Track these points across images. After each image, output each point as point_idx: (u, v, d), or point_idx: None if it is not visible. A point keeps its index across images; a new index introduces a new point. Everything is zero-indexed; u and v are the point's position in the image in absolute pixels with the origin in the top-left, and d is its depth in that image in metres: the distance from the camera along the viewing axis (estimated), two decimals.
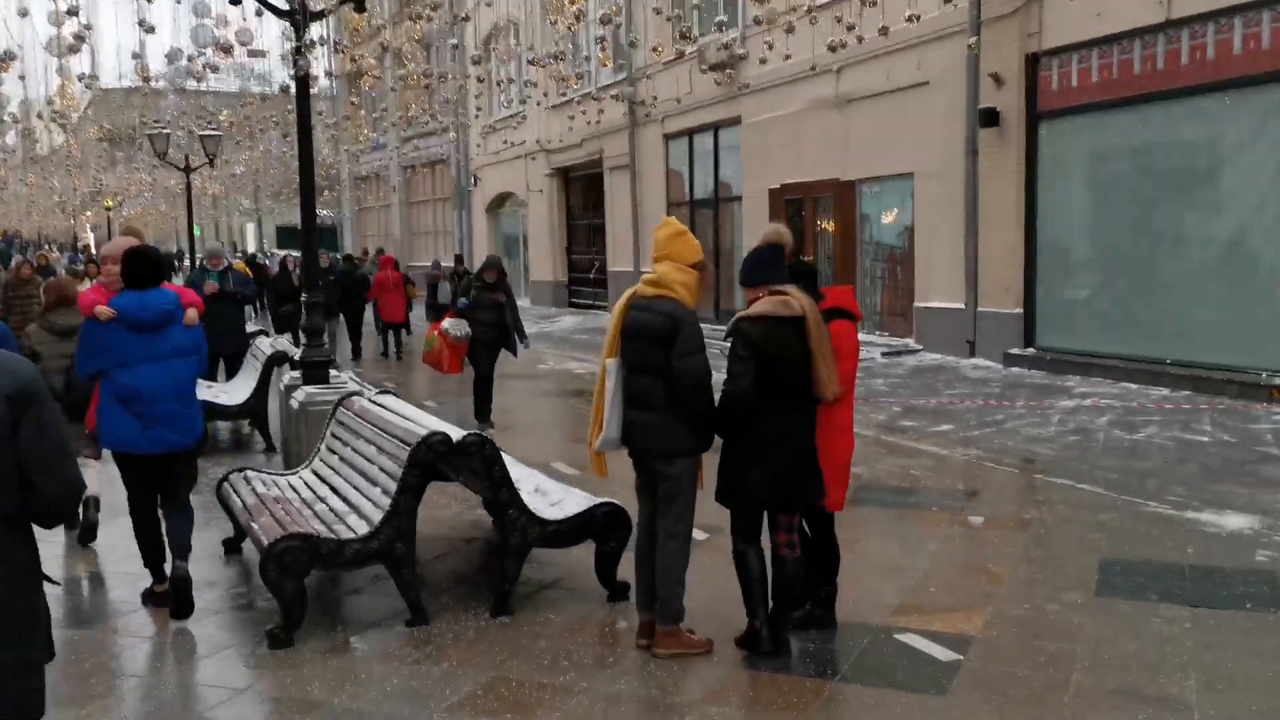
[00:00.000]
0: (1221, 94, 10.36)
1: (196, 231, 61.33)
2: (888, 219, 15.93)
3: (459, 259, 17.22)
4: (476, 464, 4.84)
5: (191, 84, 19.38)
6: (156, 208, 45.20)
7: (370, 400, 5.91)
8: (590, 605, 5.05)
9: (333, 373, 7.83)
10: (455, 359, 10.20)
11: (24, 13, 15.15)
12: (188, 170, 19.60)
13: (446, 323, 10.20)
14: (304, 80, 7.85)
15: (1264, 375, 10.02)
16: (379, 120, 34.86)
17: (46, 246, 42.16)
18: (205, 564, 5.73)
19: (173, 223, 52.46)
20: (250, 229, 60.17)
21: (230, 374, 10.74)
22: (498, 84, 30.96)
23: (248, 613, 5.10)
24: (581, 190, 27.58)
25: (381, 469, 5.05)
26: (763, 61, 17.26)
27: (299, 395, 7.28)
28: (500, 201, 32.13)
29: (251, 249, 53.12)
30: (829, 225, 16.84)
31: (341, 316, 16.78)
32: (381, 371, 15.59)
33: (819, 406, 4.23)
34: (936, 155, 14.27)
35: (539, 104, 26.03)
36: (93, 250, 46.35)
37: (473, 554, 5.99)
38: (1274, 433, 8.75)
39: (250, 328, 11.44)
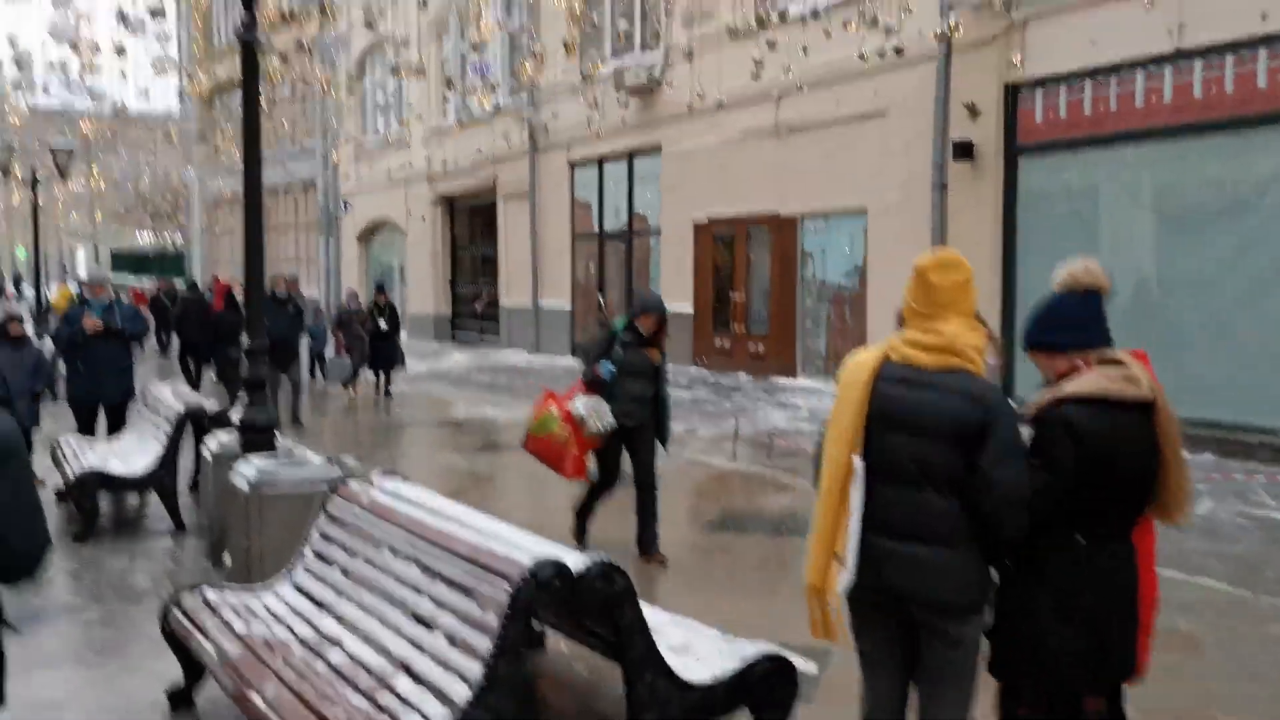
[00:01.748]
0: (1242, 131, 9.66)
1: (21, 254, 56.66)
2: (834, 257, 14.92)
3: (381, 289, 15.46)
4: (597, 605, 3.33)
5: (40, 97, 17.14)
6: None
7: (384, 491, 4.30)
8: None
9: (280, 439, 6.13)
10: (582, 457, 6.56)
11: None
12: (34, 185, 17.15)
13: (580, 402, 6.47)
14: (250, 49, 6.20)
15: None
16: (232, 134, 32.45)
17: None
18: None
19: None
20: (82, 253, 55.75)
21: (113, 428, 8.77)
22: (377, 105, 29.28)
23: None
24: (468, 218, 25.91)
25: (437, 601, 3.48)
26: (675, 89, 16.21)
27: (246, 471, 5.54)
28: (374, 229, 30.10)
29: (83, 273, 49.05)
30: (762, 262, 15.78)
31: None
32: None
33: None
34: (894, 189, 13.32)
35: (420, 124, 24.35)
36: None
37: None
38: None
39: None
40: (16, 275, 46.01)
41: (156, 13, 12.33)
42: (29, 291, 32.17)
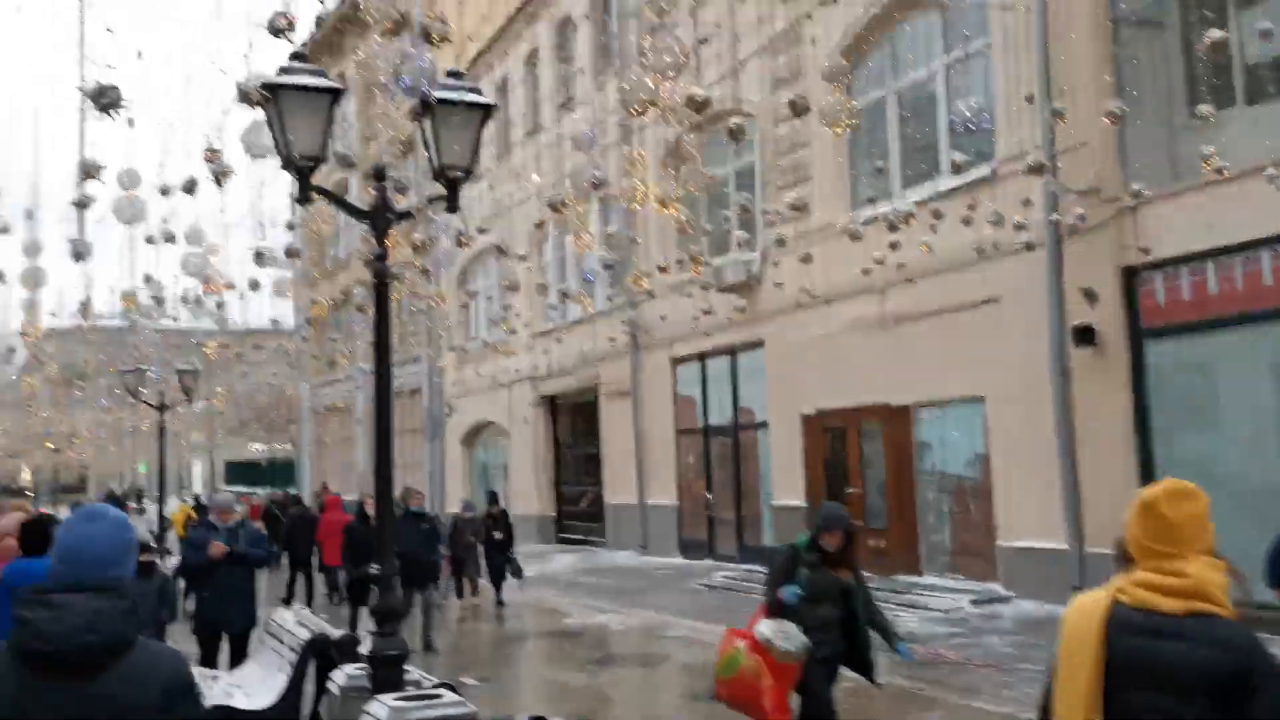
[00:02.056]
0: None
1: (142, 468, 58.73)
2: (953, 447, 14.50)
3: (494, 498, 15.44)
4: None
5: (168, 321, 18.01)
6: (104, 447, 42.84)
7: None
8: None
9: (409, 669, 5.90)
10: (782, 692, 5.82)
11: None
12: (161, 408, 17.83)
13: (765, 627, 5.85)
14: (383, 285, 6.32)
15: None
16: (349, 349, 33.64)
17: None
18: None
19: (118, 461, 49.90)
20: (198, 466, 57.57)
21: (235, 655, 8.64)
22: (463, 306, 30.21)
23: None
24: (570, 418, 26.11)
25: None
26: (777, 285, 16.32)
27: (378, 713, 5.29)
28: (477, 432, 30.52)
29: (199, 487, 50.52)
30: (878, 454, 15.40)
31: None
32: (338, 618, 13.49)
33: None
34: (1014, 376, 13.00)
35: (524, 329, 24.94)
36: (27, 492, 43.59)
37: None
38: None
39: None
40: (138, 490, 47.54)
41: (293, 254, 12.96)
42: (150, 507, 33.01)
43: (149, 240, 16.29)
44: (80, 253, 9.65)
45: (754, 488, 18.61)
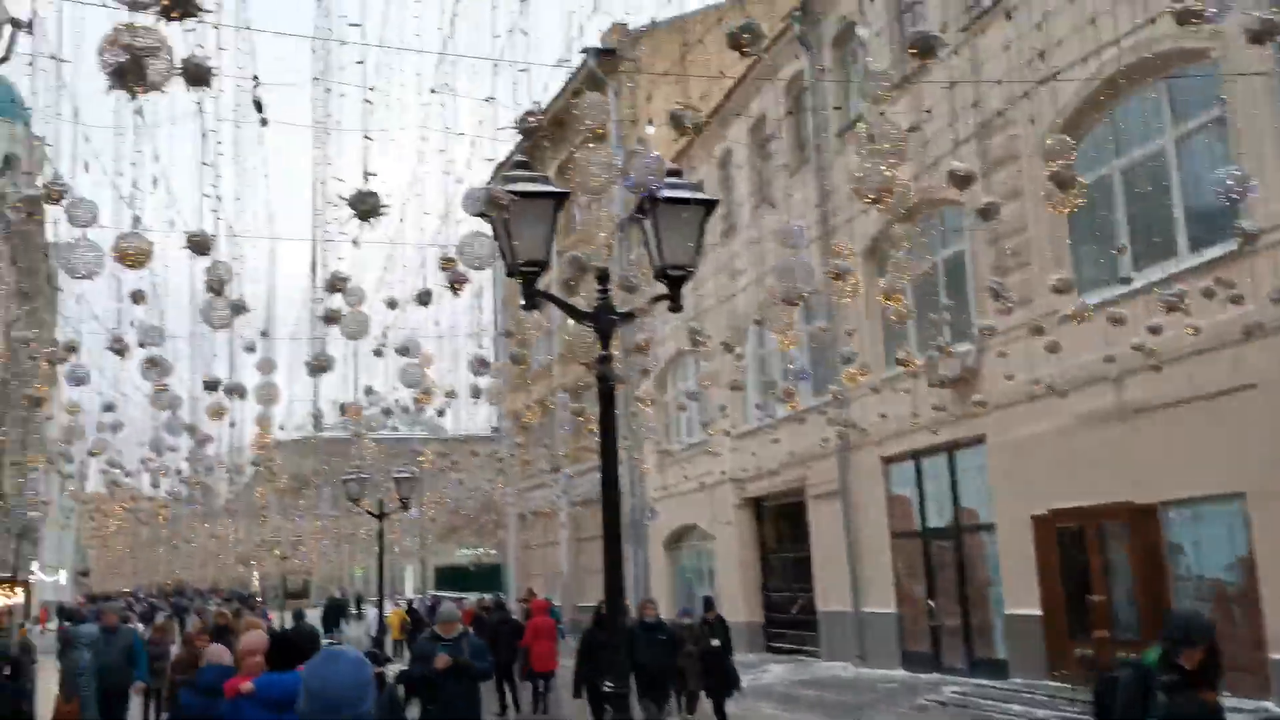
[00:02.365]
0: None
1: (358, 573, 61.05)
2: (1210, 549, 13.15)
3: (710, 604, 14.98)
4: None
5: (386, 430, 18.72)
6: (324, 554, 44.79)
7: None
8: None
9: None
10: None
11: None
12: (380, 516, 18.37)
13: None
14: (608, 388, 6.14)
15: None
16: (550, 454, 34.12)
17: (217, 602, 41.51)
18: None
19: (337, 567, 52.03)
20: (409, 571, 59.36)
21: None
22: (680, 409, 30.11)
23: None
24: (776, 521, 25.44)
25: None
26: (1006, 378, 15.46)
27: None
28: (679, 536, 30.16)
29: (410, 593, 51.94)
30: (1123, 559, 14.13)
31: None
32: None
33: None
34: (1278, 470, 11.71)
35: (728, 433, 24.59)
36: (257, 599, 45.75)
37: None
38: None
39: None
40: (356, 596, 49.28)
41: (519, 360, 13.21)
42: (370, 612, 34.01)
43: (377, 353, 17.04)
44: (322, 367, 9.98)
45: (982, 594, 17.44)
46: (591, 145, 7.00)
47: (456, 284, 8.76)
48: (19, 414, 21.54)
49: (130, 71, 5.09)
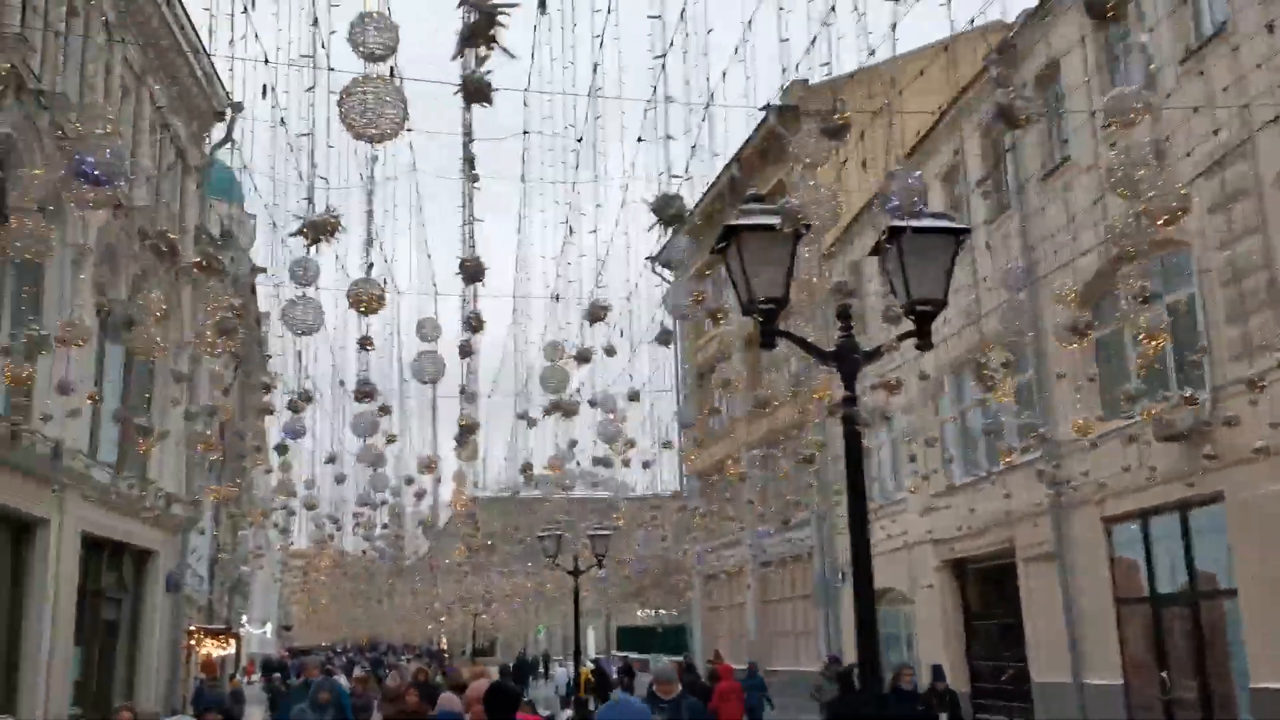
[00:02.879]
0: None
1: (539, 632, 61.55)
2: None
3: (939, 672, 14.08)
4: None
5: (580, 489, 18.75)
6: (515, 612, 45.26)
7: None
8: None
9: None
10: None
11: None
12: (575, 574, 18.27)
13: None
14: (854, 432, 5.72)
15: None
16: (736, 511, 33.53)
17: (408, 658, 42.45)
18: None
19: (523, 625, 52.51)
20: (591, 631, 59.42)
21: None
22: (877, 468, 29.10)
23: None
24: (981, 584, 24.09)
25: None
26: (1232, 428, 14.14)
27: None
28: (876, 599, 28.92)
29: (592, 652, 51.88)
30: None
31: None
32: None
33: None
34: None
35: (924, 485, 23.51)
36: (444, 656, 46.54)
37: None
38: None
39: None
40: (545, 654, 49.54)
41: (715, 411, 12.94)
42: (558, 671, 34.03)
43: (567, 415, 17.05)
44: (531, 421, 9.92)
45: (1223, 666, 15.91)
46: (811, 182, 6.66)
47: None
48: (237, 466, 22.57)
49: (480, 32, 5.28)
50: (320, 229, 7.15)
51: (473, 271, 8.32)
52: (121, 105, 19.48)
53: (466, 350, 10.87)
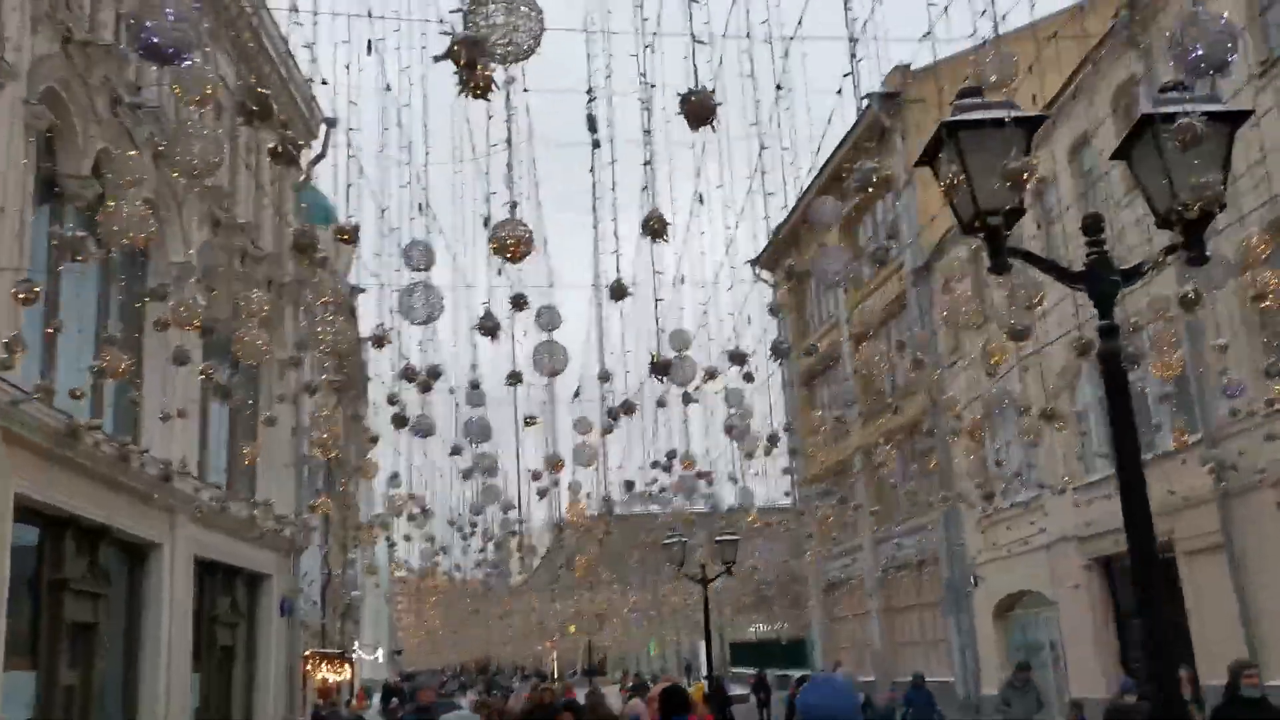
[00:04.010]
0: None
1: (651, 649, 60.45)
2: None
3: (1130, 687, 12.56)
4: None
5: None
6: (627, 629, 44.29)
7: None
8: None
9: None
10: None
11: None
12: (704, 582, 17.21)
13: None
14: (1118, 375, 4.54)
15: None
16: (855, 520, 32.07)
17: (519, 679, 41.82)
18: None
19: (633, 642, 51.54)
20: (702, 646, 58.05)
21: None
22: (997, 464, 27.43)
23: None
24: (1133, 582, 22.26)
25: None
26: None
27: None
28: (1012, 603, 27.25)
29: (704, 669, 50.56)
30: None
31: None
32: None
33: None
34: None
35: (1064, 488, 21.92)
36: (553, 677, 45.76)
37: None
38: None
39: None
40: (661, 671, 48.42)
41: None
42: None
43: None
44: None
45: None
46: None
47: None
48: (345, 490, 22.06)
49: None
50: (474, 47, 5.23)
51: (657, 227, 7.28)
52: (218, 121, 19.13)
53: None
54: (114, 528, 14.37)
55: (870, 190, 10.47)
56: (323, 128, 22.67)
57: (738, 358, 12.61)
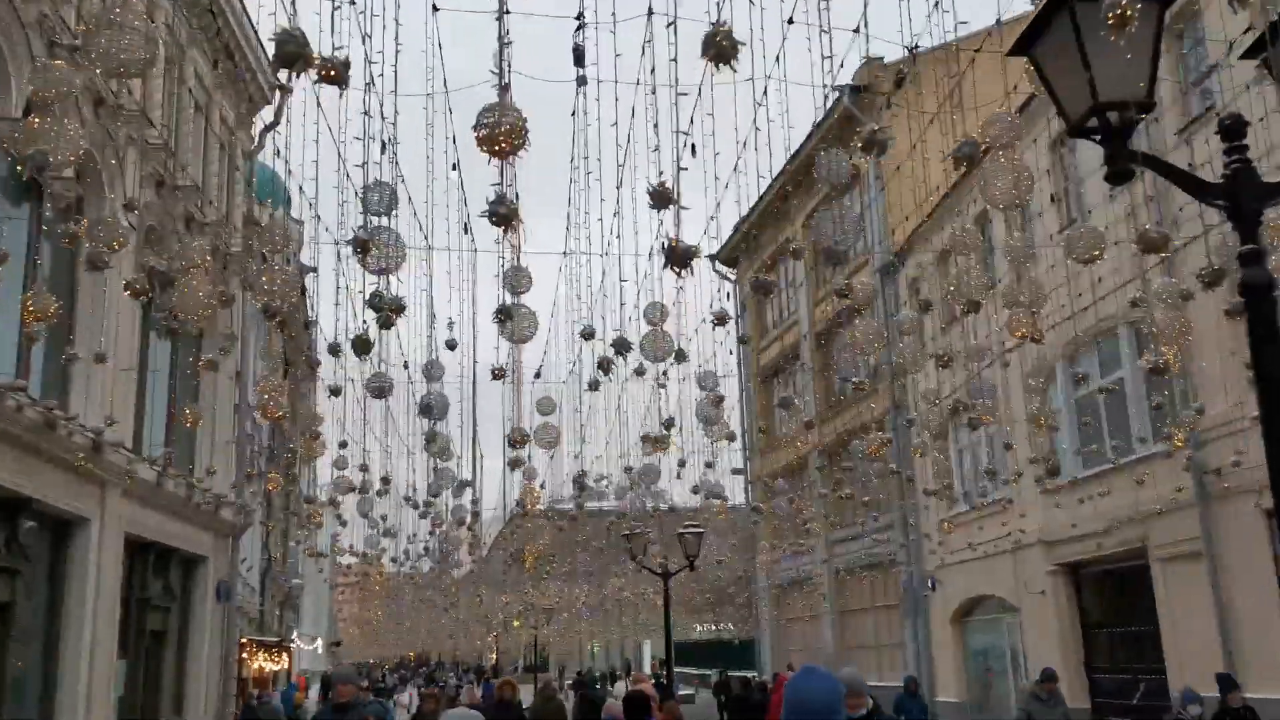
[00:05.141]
0: None
1: (595, 649, 59.44)
2: None
3: (1230, 682, 11.96)
4: None
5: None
6: (566, 626, 43.29)
7: None
8: None
9: None
10: None
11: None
12: (665, 575, 16.39)
13: None
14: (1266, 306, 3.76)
15: None
16: (807, 523, 31.41)
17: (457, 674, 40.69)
18: None
19: (576, 640, 50.63)
20: (647, 646, 57.35)
21: None
22: (967, 463, 26.94)
23: None
24: (1100, 589, 21.86)
25: None
26: None
27: None
28: (970, 608, 26.76)
29: (647, 669, 49.72)
30: None
31: None
32: None
33: None
34: None
35: (1028, 480, 21.44)
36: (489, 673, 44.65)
37: None
38: None
39: None
40: (610, 670, 47.55)
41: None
42: (619, 688, 32.09)
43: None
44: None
45: None
46: None
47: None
48: (290, 470, 20.93)
49: None
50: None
51: (662, 198, 6.45)
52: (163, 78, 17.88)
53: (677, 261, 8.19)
54: (36, 499, 13.18)
55: (875, 151, 9.76)
56: (276, 94, 21.48)
57: (720, 319, 11.93)
